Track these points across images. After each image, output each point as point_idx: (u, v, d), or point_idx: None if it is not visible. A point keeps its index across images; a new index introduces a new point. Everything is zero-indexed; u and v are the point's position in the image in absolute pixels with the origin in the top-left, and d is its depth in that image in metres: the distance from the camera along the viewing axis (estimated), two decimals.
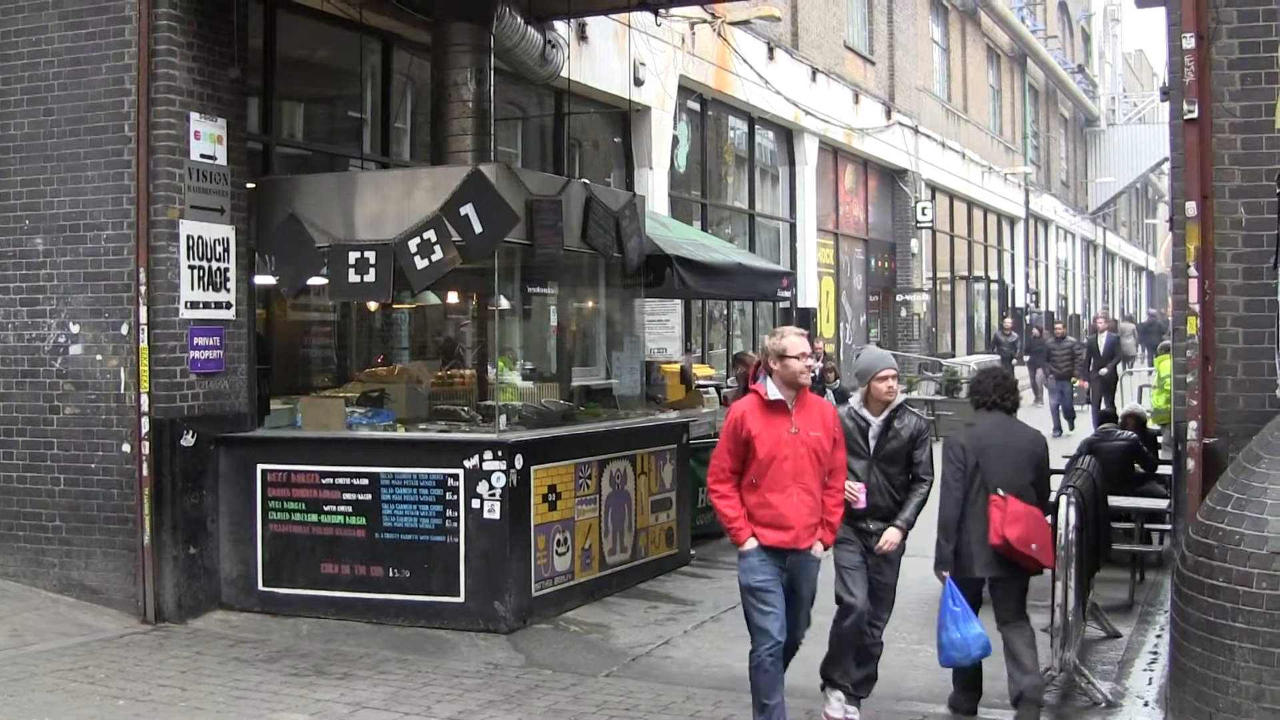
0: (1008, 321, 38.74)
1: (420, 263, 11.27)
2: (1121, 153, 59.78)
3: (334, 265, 11.49)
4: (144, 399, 10.83)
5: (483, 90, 12.78)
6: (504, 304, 15.83)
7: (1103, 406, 25.89)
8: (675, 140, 21.87)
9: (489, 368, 14.88)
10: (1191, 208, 8.83)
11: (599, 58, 18.97)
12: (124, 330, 10.97)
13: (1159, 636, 11.23)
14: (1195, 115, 8.81)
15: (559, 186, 12.09)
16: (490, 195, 11.13)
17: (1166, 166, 52.74)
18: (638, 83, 19.86)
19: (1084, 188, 59.25)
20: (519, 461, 10.97)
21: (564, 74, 15.97)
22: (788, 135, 27.20)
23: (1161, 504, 13.36)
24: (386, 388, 13.55)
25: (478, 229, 11.14)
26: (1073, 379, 28.94)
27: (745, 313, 26.11)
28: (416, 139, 15.92)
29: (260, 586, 11.37)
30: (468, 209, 11.15)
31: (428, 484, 10.99)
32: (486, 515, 10.86)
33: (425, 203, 11.33)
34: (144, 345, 10.82)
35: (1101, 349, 27.93)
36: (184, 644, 10.28)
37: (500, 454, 10.88)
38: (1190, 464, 8.88)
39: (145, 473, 10.85)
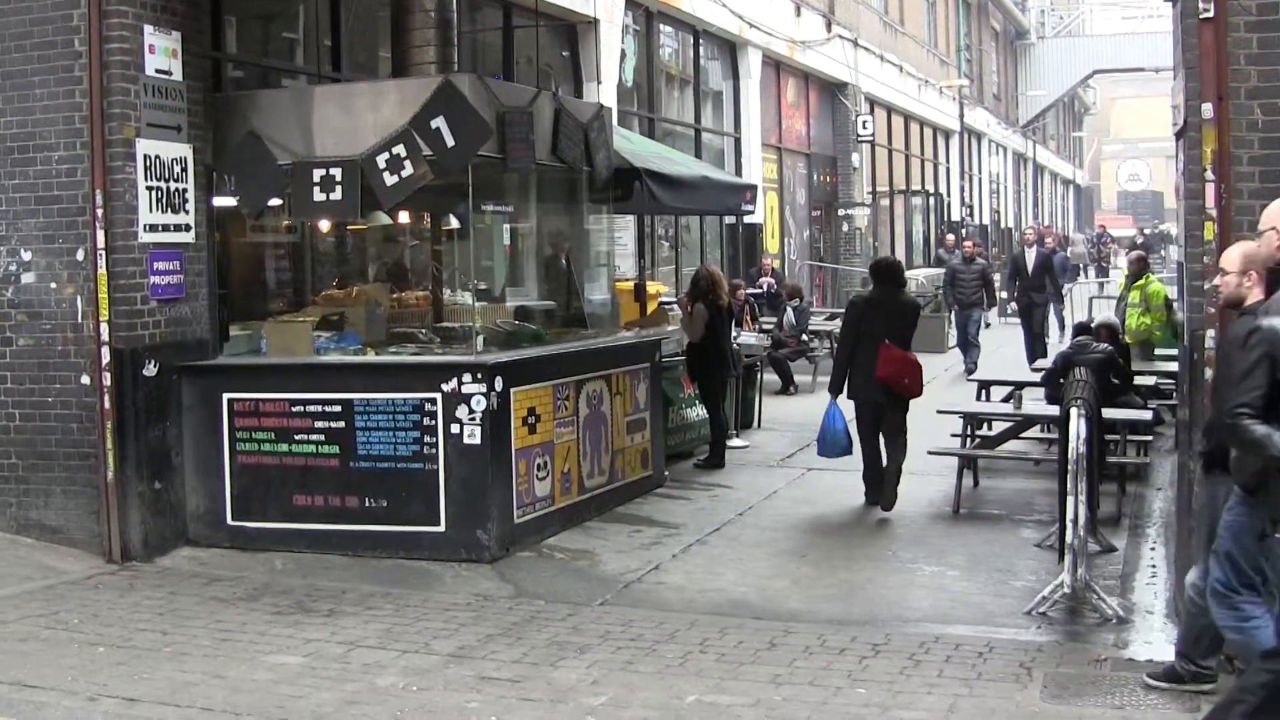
0: (949, 238, 38.14)
1: (390, 179, 10.75)
2: (1051, 66, 59.76)
3: (298, 183, 10.96)
4: (104, 328, 10.30)
5: (446, 0, 12.25)
6: (454, 223, 15.41)
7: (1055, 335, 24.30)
8: (623, 54, 21.32)
9: (455, 290, 14.49)
10: (1208, 109, 8.50)
11: None
12: (79, 256, 10.44)
13: (1153, 549, 11.09)
14: (1211, 14, 8.46)
15: (529, 98, 11.59)
16: (463, 107, 10.63)
17: (1097, 80, 53.04)
18: None
19: (1015, 101, 59.16)
20: (499, 384, 10.55)
21: None
22: (731, 49, 26.69)
23: (1147, 415, 13.19)
24: (346, 311, 13.07)
25: (450, 142, 10.64)
26: (983, 306, 24.15)
27: (691, 229, 25.68)
28: (372, 52, 15.30)
29: (229, 521, 10.91)
30: (439, 122, 10.64)
31: (404, 409, 10.56)
32: (467, 440, 10.45)
33: (393, 116, 10.80)
34: (102, 271, 10.28)
35: (1031, 269, 23.56)
36: (155, 584, 9.82)
37: (480, 376, 10.46)
38: (1208, 373, 8.59)
39: (107, 405, 10.34)
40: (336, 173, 10.85)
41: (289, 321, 12.11)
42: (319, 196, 10.92)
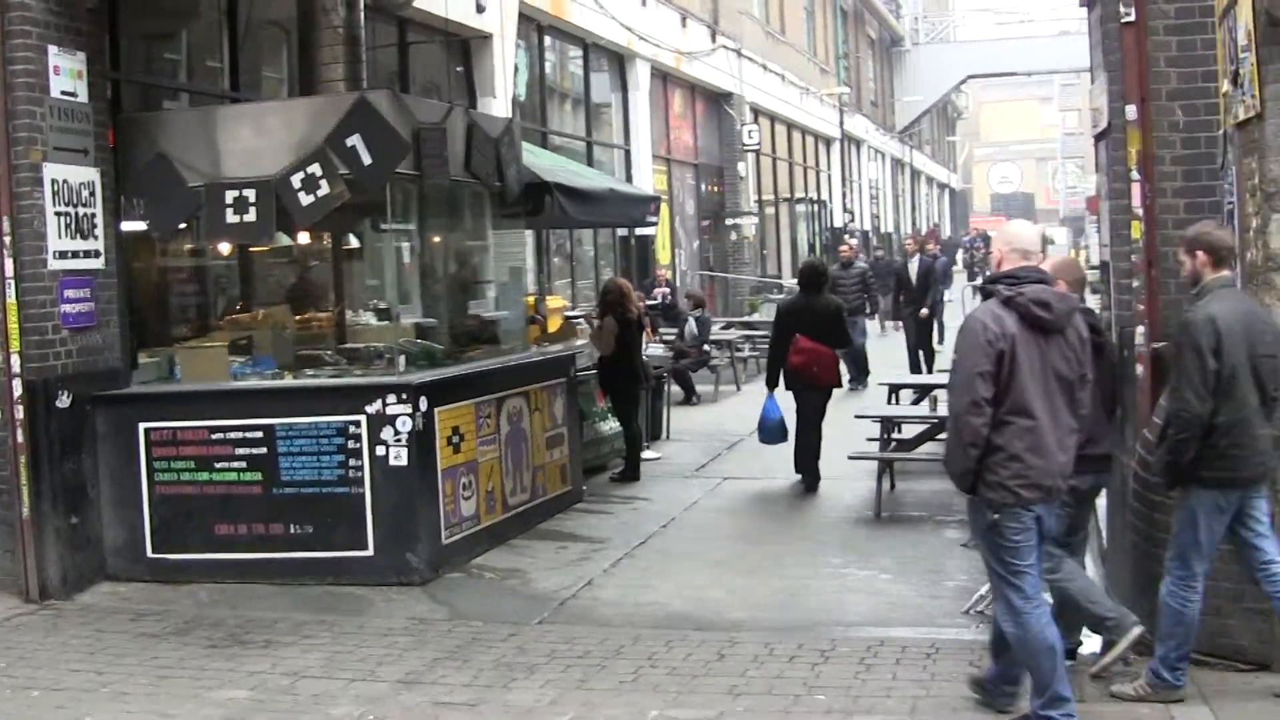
0: (851, 243, 35.39)
1: (305, 199, 10.55)
2: (926, 72, 60.48)
3: (210, 205, 10.73)
4: (14, 359, 9.96)
5: (354, 16, 12.14)
6: (354, 242, 15.19)
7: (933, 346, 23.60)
8: (515, 69, 21.21)
9: (356, 310, 14.27)
10: (1131, 111, 8.63)
11: None
12: None
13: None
14: (1132, 18, 8.60)
15: (442, 114, 11.45)
16: (379, 124, 10.48)
17: (969, 84, 53.51)
18: (479, 9, 19.15)
19: (891, 107, 59.79)
20: (423, 404, 10.40)
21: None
22: (620, 61, 26.70)
23: None
24: (254, 335, 12.82)
25: (366, 160, 10.47)
26: (865, 313, 24.31)
27: (584, 242, 25.62)
28: (275, 70, 15.04)
29: (149, 554, 10.61)
30: (355, 140, 10.46)
31: (327, 433, 10.36)
32: (393, 462, 10.28)
33: (307, 135, 10.62)
34: (11, 301, 9.93)
35: (914, 279, 23.29)
36: (79, 622, 9.51)
37: (405, 397, 10.30)
38: (1139, 370, 8.69)
39: (20, 439, 9.99)
40: (250, 194, 10.63)
41: (203, 347, 11.82)
42: (232, 218, 10.70)
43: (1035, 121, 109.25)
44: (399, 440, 10.26)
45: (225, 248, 13.76)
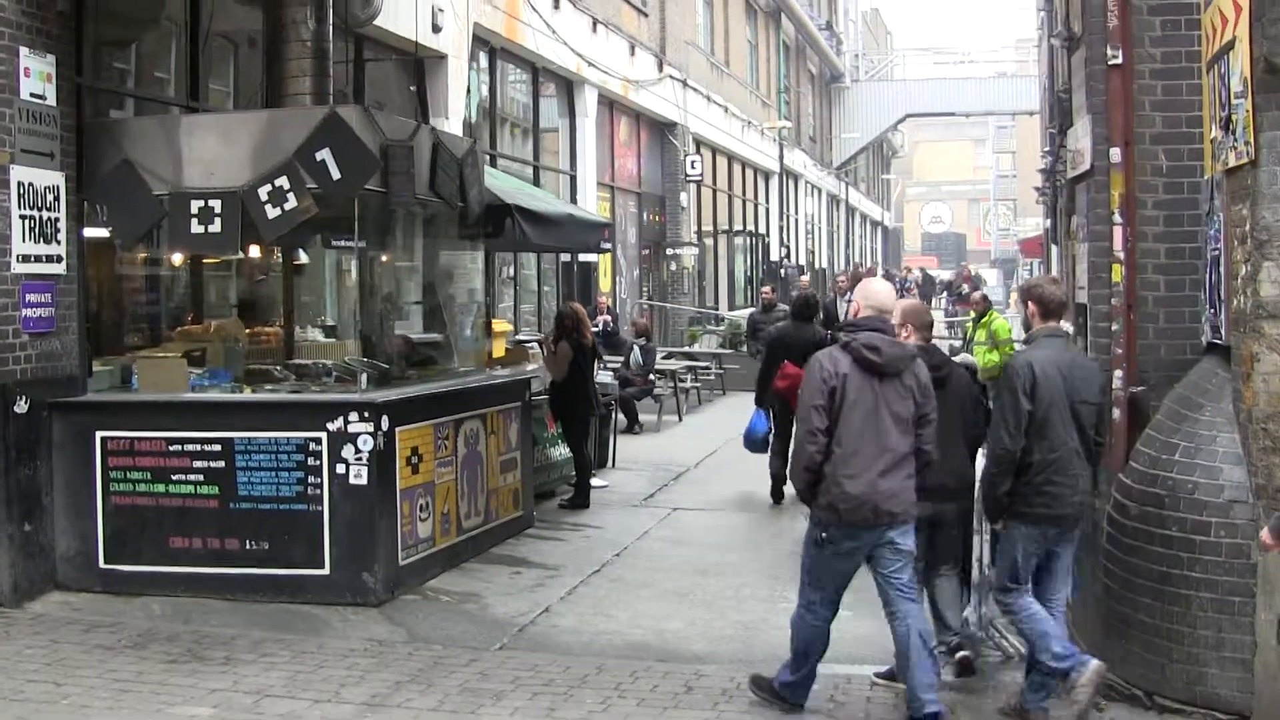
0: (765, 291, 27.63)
1: (272, 211, 10.47)
2: (864, 109, 60.95)
3: (175, 215, 10.62)
4: None
5: (322, 29, 12.06)
6: (303, 258, 15.09)
7: None
8: (467, 90, 21.15)
9: (304, 326, 14.16)
10: (1116, 154, 8.77)
11: (398, 2, 18.11)
12: None
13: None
14: (1119, 61, 8.74)
15: (410, 131, 11.38)
16: (349, 139, 10.42)
17: (907, 123, 53.81)
18: (435, 29, 19.11)
19: (829, 143, 60.13)
20: (385, 423, 10.33)
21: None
22: (569, 87, 26.70)
23: None
24: (207, 347, 12.69)
25: (335, 175, 10.40)
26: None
27: (527, 267, 25.56)
28: (239, 81, 14.93)
29: (101, 564, 10.46)
30: (324, 154, 10.39)
31: (287, 449, 10.26)
32: (353, 480, 10.20)
33: (275, 147, 10.53)
34: None
35: (844, 317, 19.21)
36: (32, 632, 9.34)
37: (367, 415, 10.23)
38: (1116, 413, 8.77)
39: None
40: (216, 204, 10.54)
41: (161, 357, 11.68)
42: (197, 229, 10.59)
43: (968, 163, 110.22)
44: (359, 459, 10.19)
45: (178, 257, 13.67)
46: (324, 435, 10.20)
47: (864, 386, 7.40)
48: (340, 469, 10.19)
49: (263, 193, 10.44)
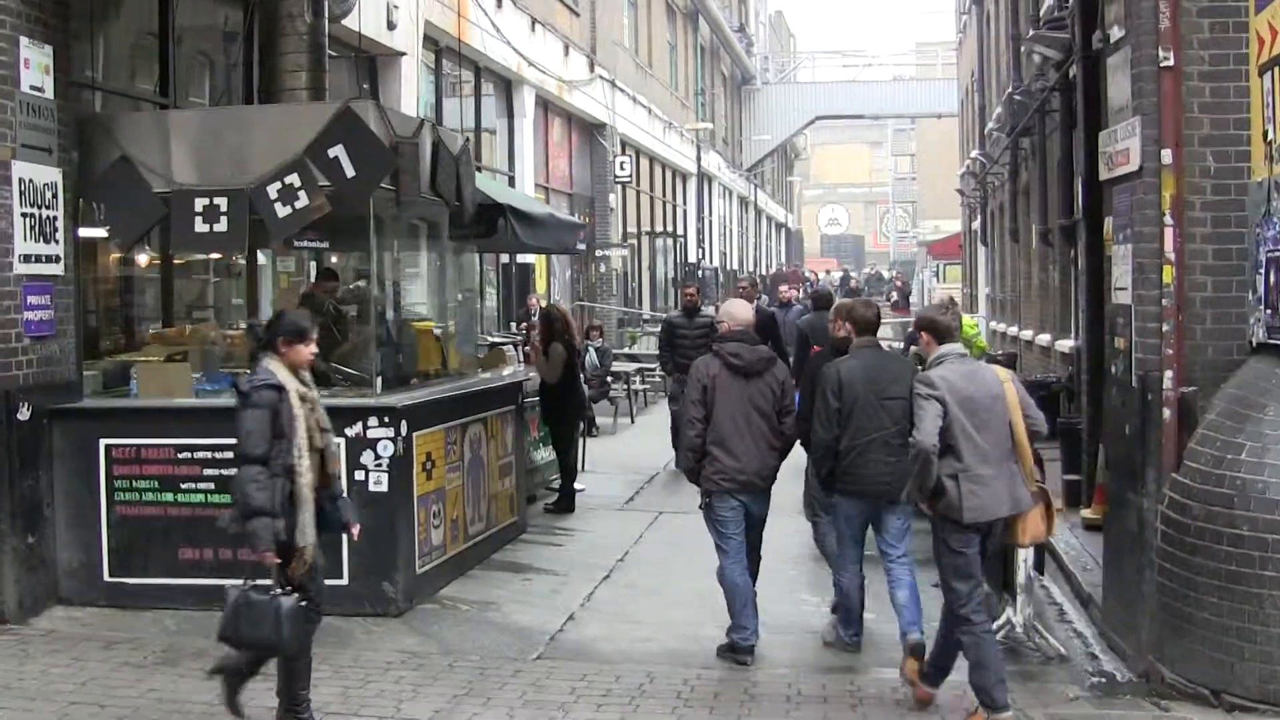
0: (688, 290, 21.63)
1: (282, 210, 10.10)
2: (774, 111, 61.05)
3: (178, 213, 10.19)
4: None
5: (319, 23, 11.66)
6: (260, 259, 14.65)
7: None
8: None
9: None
10: (1168, 155, 8.70)
11: None
12: None
13: (1043, 588, 11.13)
14: (1171, 63, 8.69)
15: (414, 128, 11.04)
16: (364, 136, 10.08)
17: (815, 125, 53.37)
18: (390, 26, 18.76)
19: (739, 145, 60.15)
20: (404, 427, 10.01)
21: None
22: (508, 87, 26.42)
23: None
24: (189, 350, 12.27)
25: (350, 172, 10.06)
26: None
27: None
28: (223, 80, 14.49)
29: (106, 577, 10.06)
30: (337, 150, 10.05)
31: None
32: (373, 487, 9.90)
33: (285, 144, 10.14)
34: None
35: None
36: (50, 649, 8.93)
37: (387, 420, 9.90)
38: (1166, 414, 8.69)
39: None
40: (221, 202, 10.14)
41: (163, 362, 11.26)
42: (201, 227, 10.18)
43: (865, 165, 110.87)
44: (379, 465, 9.89)
45: (143, 259, 13.24)
46: (342, 441, 9.83)
47: (731, 384, 9.18)
48: (359, 475, 9.87)
49: (272, 190, 10.08)
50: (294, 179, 10.07)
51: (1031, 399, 8.29)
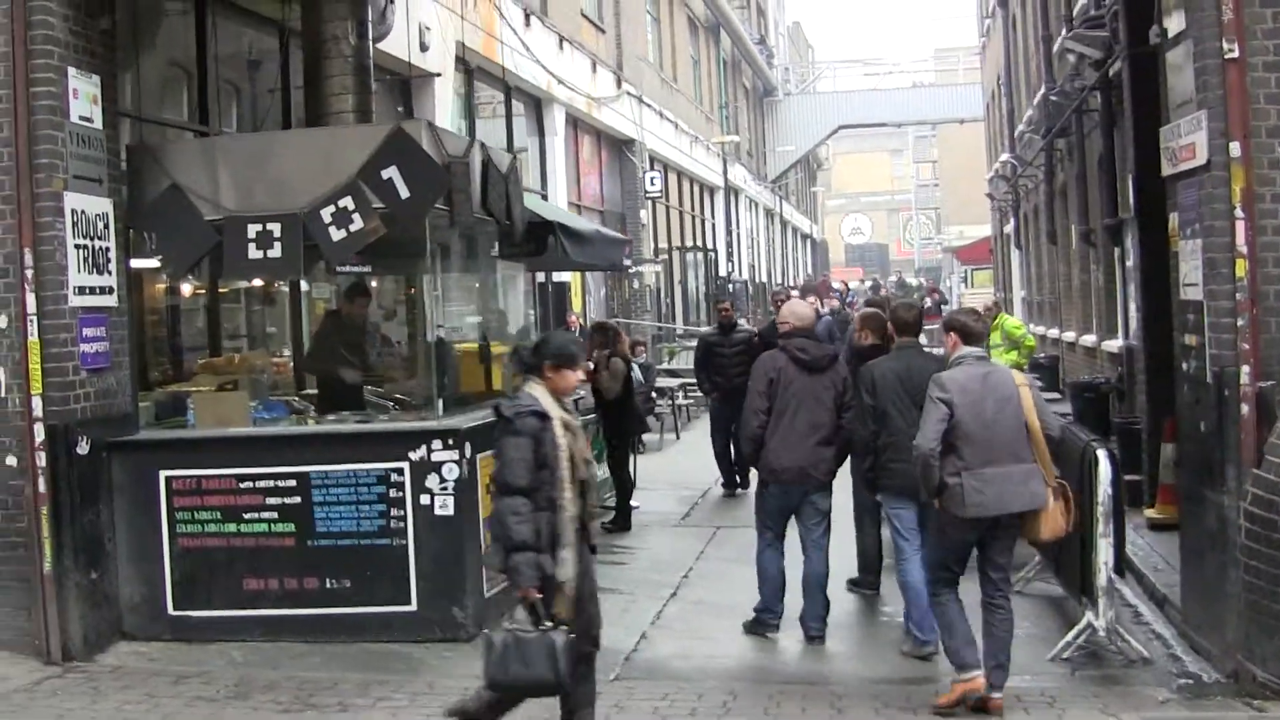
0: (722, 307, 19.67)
1: (336, 234, 9.99)
2: (796, 122, 60.87)
3: (230, 240, 10.09)
4: (36, 402, 9.25)
5: (364, 44, 11.54)
6: (304, 287, 14.50)
7: None
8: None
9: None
10: (1236, 148, 8.57)
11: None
12: (1, 323, 9.37)
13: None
14: (1235, 55, 8.55)
15: (464, 147, 10.90)
16: (418, 156, 9.97)
17: (836, 135, 53.29)
18: (423, 48, 18.64)
19: (764, 157, 59.99)
20: (468, 449, 9.85)
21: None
22: (537, 105, 26.28)
23: None
24: (238, 379, 12.16)
25: (404, 194, 9.94)
26: None
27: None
28: (260, 107, 14.40)
29: (170, 611, 9.91)
30: (391, 172, 9.94)
31: (367, 481, 9.79)
32: (439, 511, 9.74)
33: (336, 167, 10.04)
34: (34, 339, 9.24)
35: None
36: (120, 686, 8.79)
37: (451, 443, 9.75)
38: (1244, 409, 8.51)
39: (41, 489, 9.27)
40: (275, 228, 10.03)
41: (218, 392, 11.15)
42: (255, 254, 10.07)
43: (884, 173, 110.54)
44: (445, 488, 9.73)
45: (186, 288, 13.14)
46: (406, 465, 9.73)
47: (797, 378, 9.68)
48: (425, 500, 9.73)
49: (326, 214, 9.97)
50: (348, 202, 9.96)
51: (1047, 405, 8.69)
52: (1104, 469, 9.08)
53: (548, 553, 6.73)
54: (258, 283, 14.32)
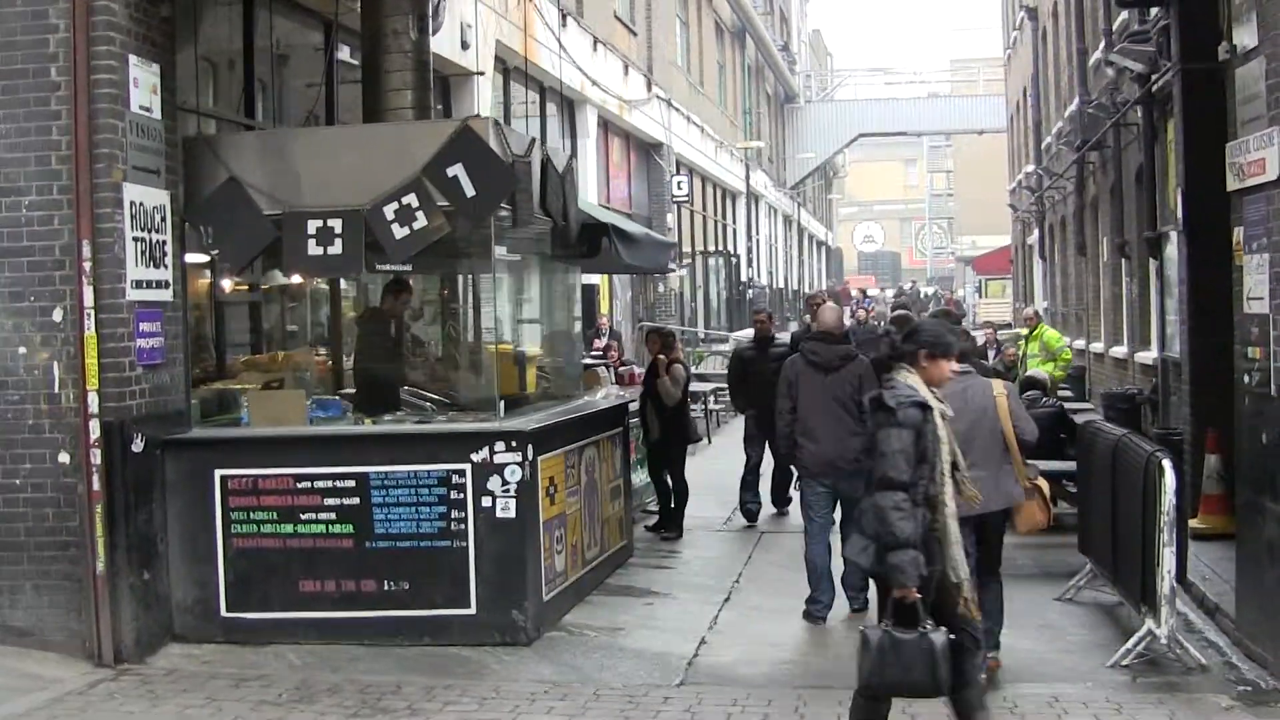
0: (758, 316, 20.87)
1: (400, 231, 9.80)
2: (816, 129, 60.75)
3: (290, 235, 9.90)
4: (92, 398, 9.03)
5: (424, 40, 11.35)
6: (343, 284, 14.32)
7: None
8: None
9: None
10: None
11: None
12: (56, 316, 9.16)
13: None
14: None
15: (526, 146, 10.69)
16: (484, 154, 9.77)
17: (860, 143, 53.33)
18: (464, 46, 18.47)
19: (784, 163, 59.81)
20: (530, 452, 9.65)
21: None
22: (571, 106, 26.09)
23: None
24: (284, 377, 12.01)
25: (470, 192, 9.75)
26: None
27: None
28: (308, 100, 14.19)
29: (223, 612, 9.70)
30: (456, 169, 9.74)
31: (428, 482, 9.58)
32: (500, 514, 9.53)
33: (400, 163, 9.85)
34: (90, 333, 9.02)
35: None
36: (178, 689, 8.58)
37: (514, 445, 9.55)
38: None
39: (96, 486, 9.06)
40: (336, 224, 9.85)
41: (274, 390, 10.96)
42: (315, 250, 9.89)
43: (898, 182, 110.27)
44: (507, 490, 9.53)
45: (227, 284, 12.93)
46: (468, 467, 9.52)
47: (813, 378, 10.38)
48: (486, 502, 9.53)
49: (388, 211, 9.78)
50: (411, 199, 9.78)
51: (1025, 411, 9.09)
52: (1169, 479, 8.91)
53: (923, 550, 6.46)
54: (296, 279, 14.16)
